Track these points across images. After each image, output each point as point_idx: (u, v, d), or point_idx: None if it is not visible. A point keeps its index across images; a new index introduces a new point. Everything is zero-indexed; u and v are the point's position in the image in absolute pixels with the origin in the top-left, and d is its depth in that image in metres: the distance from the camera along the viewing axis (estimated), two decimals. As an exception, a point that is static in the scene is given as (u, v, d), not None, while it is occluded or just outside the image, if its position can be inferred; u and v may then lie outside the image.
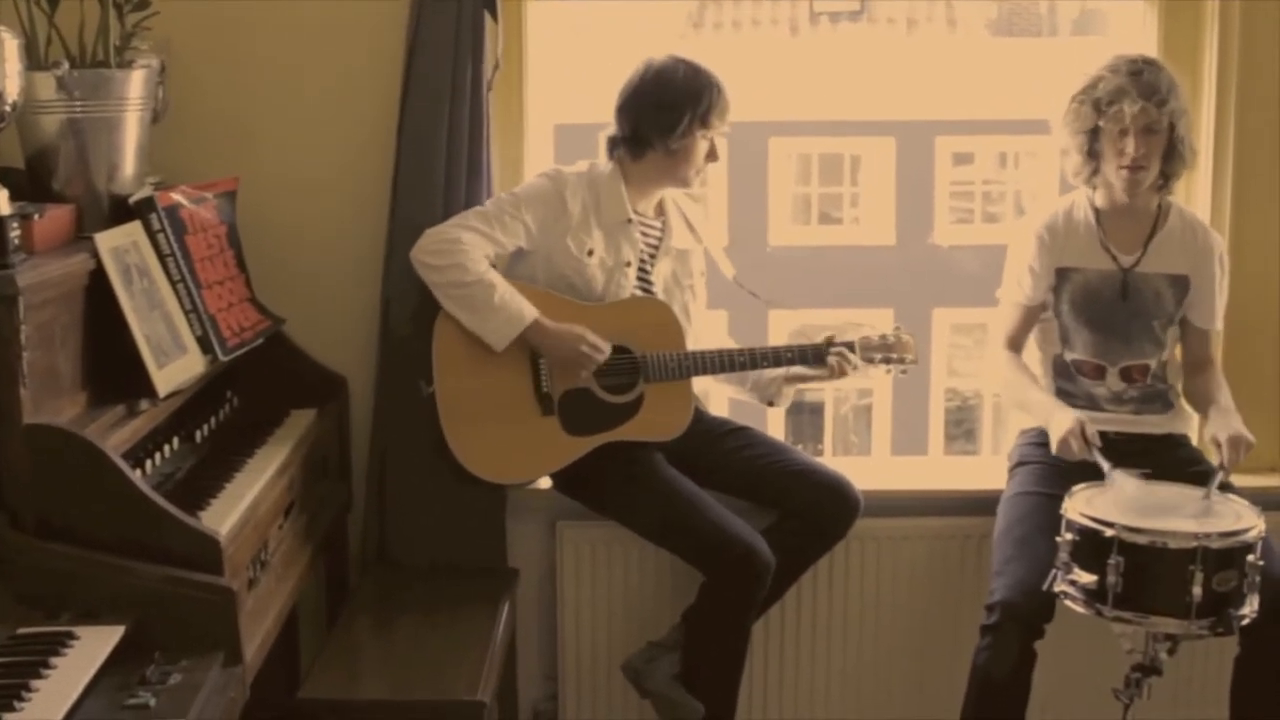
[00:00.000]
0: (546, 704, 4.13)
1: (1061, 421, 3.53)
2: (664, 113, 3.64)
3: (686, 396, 3.74)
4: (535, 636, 4.10)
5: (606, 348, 3.63)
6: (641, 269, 3.77)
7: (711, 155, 3.70)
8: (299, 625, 3.87)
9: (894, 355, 3.82)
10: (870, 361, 3.80)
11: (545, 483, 3.89)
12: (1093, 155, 3.64)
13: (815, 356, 3.76)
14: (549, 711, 4.12)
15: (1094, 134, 3.61)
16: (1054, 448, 3.53)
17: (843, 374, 3.76)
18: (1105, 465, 3.43)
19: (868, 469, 4.38)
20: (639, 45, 3.78)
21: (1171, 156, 3.63)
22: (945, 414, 14.15)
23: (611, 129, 3.74)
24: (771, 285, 4.03)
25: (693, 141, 3.65)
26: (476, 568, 3.90)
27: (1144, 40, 4.00)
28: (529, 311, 3.56)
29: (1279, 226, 4.01)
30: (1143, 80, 3.55)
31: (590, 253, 3.69)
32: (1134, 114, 3.53)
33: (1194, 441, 3.89)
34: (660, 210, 3.84)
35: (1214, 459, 3.58)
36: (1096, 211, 3.74)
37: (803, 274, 12.78)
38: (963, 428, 14.40)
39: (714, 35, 12.95)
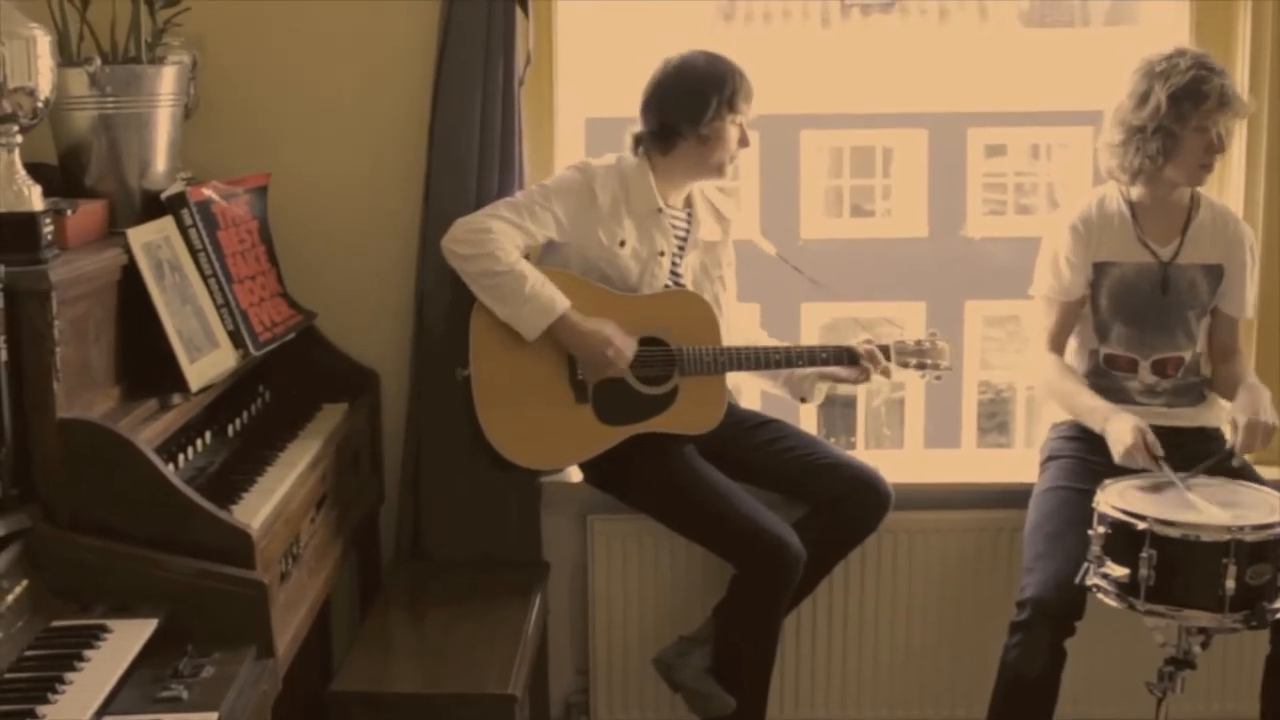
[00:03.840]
0: (578, 697, 4.13)
1: (1121, 432, 3.48)
2: (691, 99, 3.65)
3: (720, 391, 3.73)
4: (567, 630, 4.11)
5: (630, 353, 3.63)
6: (673, 260, 3.77)
7: (743, 141, 3.69)
8: (331, 618, 3.89)
9: (928, 361, 3.80)
10: (905, 366, 3.79)
11: (577, 476, 3.90)
12: (1165, 151, 3.59)
13: (850, 358, 3.75)
14: (581, 705, 4.12)
15: (1176, 133, 3.57)
16: (1117, 458, 3.50)
17: (884, 375, 3.77)
18: (1177, 480, 3.39)
19: (900, 462, 4.38)
20: (670, 39, 3.78)
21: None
22: (978, 406, 14.10)
23: (637, 126, 3.74)
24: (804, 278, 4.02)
25: (723, 126, 3.65)
26: (510, 561, 3.90)
27: (1177, 31, 3.98)
28: (560, 303, 3.56)
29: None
30: (1232, 86, 3.57)
31: (622, 243, 3.69)
32: (1231, 124, 3.58)
33: (1227, 435, 3.87)
34: (688, 203, 3.84)
35: (1228, 439, 3.55)
36: (1131, 205, 3.72)
37: (835, 266, 12.74)
38: (996, 420, 14.35)
39: (745, 28, 12.93)
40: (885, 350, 3.77)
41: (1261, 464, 3.78)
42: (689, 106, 3.65)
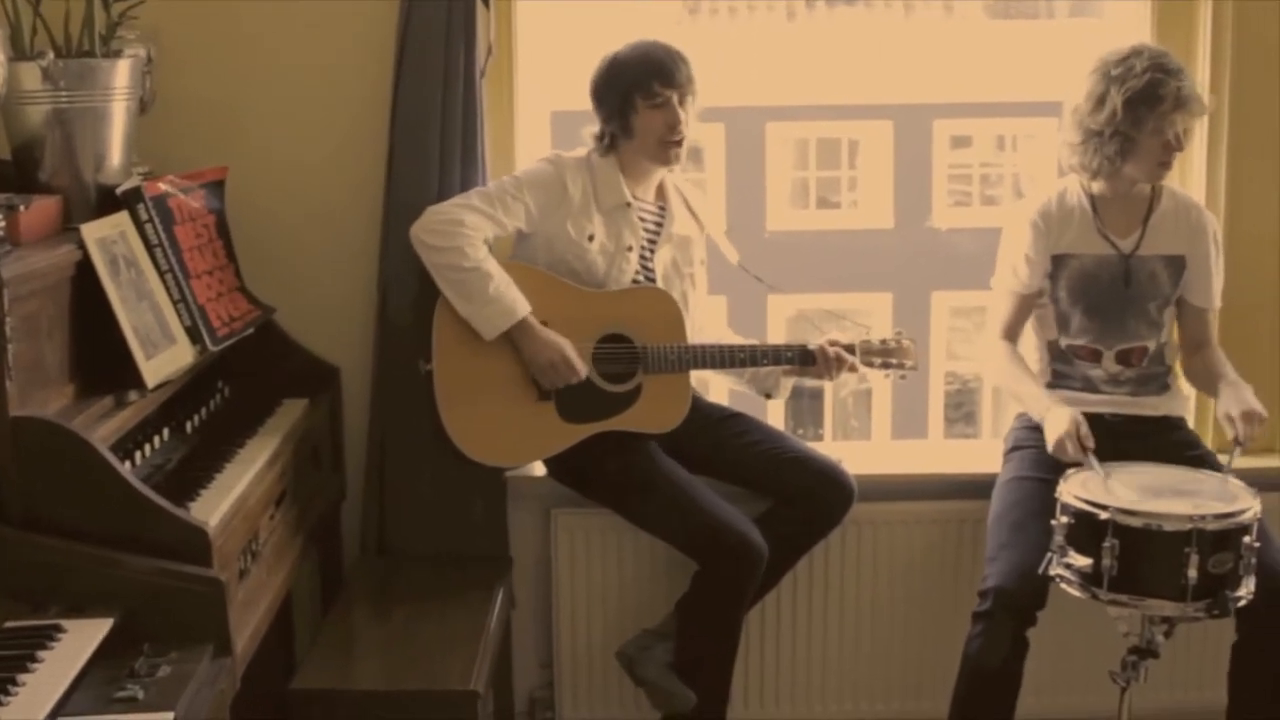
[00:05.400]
0: (543, 692, 4.12)
1: (1057, 421, 3.50)
2: (607, 95, 3.68)
3: (684, 389, 3.72)
4: (531, 624, 4.10)
5: (583, 371, 3.61)
6: (642, 255, 3.76)
7: (671, 126, 3.64)
8: (294, 616, 3.87)
9: (893, 360, 3.80)
10: (870, 365, 3.78)
11: (540, 470, 3.89)
12: (1123, 153, 3.60)
13: (814, 358, 3.74)
14: (545, 699, 4.11)
15: (1133, 136, 3.57)
16: (1050, 447, 3.51)
17: (851, 370, 3.76)
18: (1100, 471, 3.40)
19: (867, 453, 4.38)
20: (635, 32, 3.77)
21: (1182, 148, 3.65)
22: (945, 397, 14.12)
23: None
24: (770, 270, 4.00)
25: (638, 115, 3.64)
26: (476, 557, 3.89)
27: (1139, 22, 4.00)
28: (521, 308, 3.55)
29: (1275, 208, 4.00)
30: (1189, 87, 3.55)
31: (591, 238, 3.68)
32: (1189, 124, 3.57)
33: (1190, 424, 3.89)
34: (661, 195, 3.83)
35: (1228, 434, 3.54)
36: (1092, 198, 3.72)
37: (801, 258, 12.73)
38: (962, 411, 14.38)
39: (710, 20, 12.91)
40: (850, 350, 3.77)
41: (1229, 452, 3.78)
42: (608, 103, 3.68)
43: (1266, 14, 3.92)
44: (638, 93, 3.62)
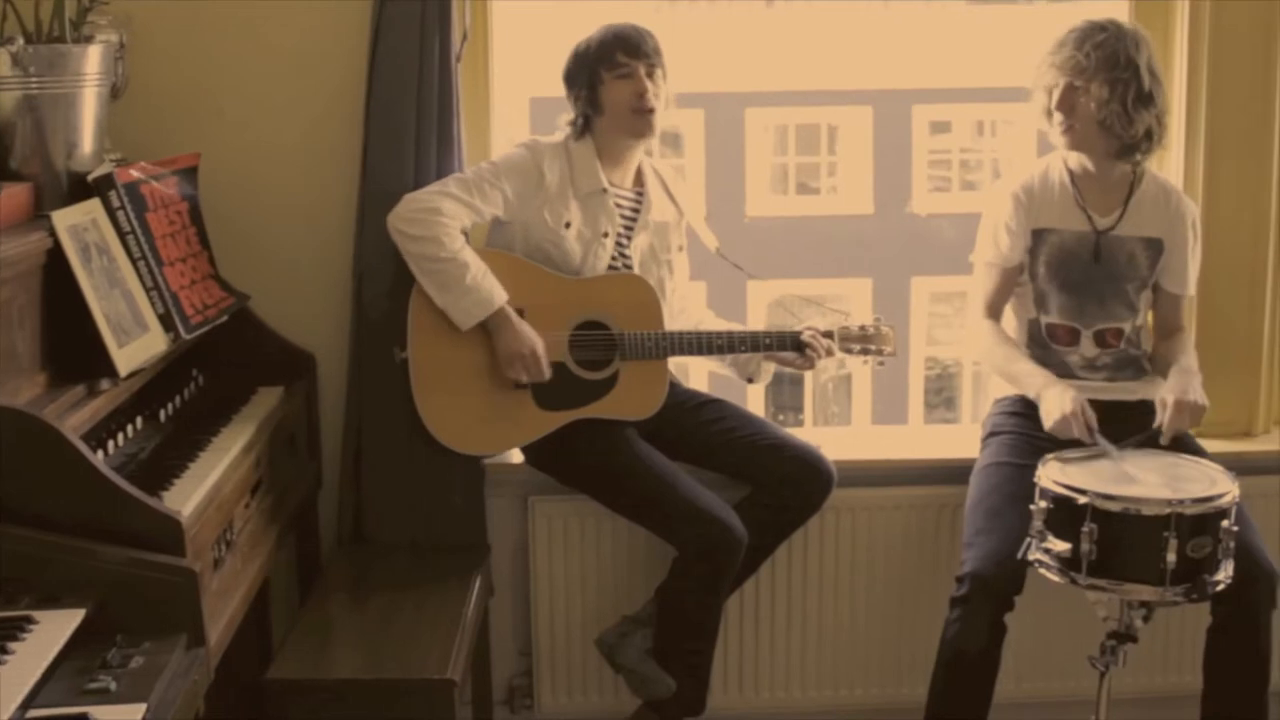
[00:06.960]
0: (521, 680, 4.11)
1: (1060, 400, 3.49)
2: (576, 75, 3.69)
3: (662, 376, 3.71)
4: (509, 612, 4.08)
5: (548, 373, 3.60)
6: (619, 241, 3.74)
7: (638, 94, 3.63)
8: (270, 605, 3.85)
9: (872, 347, 3.79)
10: (849, 352, 3.78)
11: (518, 457, 3.87)
12: (1045, 111, 3.65)
13: (794, 343, 3.73)
14: (524, 687, 4.10)
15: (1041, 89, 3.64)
16: (1048, 425, 3.50)
17: (829, 354, 3.75)
18: (1111, 450, 3.40)
19: (848, 439, 4.37)
20: (613, 15, 3.76)
21: (1109, 126, 3.58)
22: (925, 382, 14.16)
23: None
24: (750, 256, 4.00)
25: (605, 88, 3.64)
26: (454, 545, 3.87)
27: (1116, 8, 3.98)
28: (498, 297, 3.53)
29: (1251, 196, 4.00)
30: (1070, 42, 3.56)
31: (568, 225, 3.66)
32: (1053, 75, 3.58)
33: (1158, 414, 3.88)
34: (639, 181, 3.82)
35: (1157, 418, 3.53)
36: (1073, 174, 3.72)
37: (781, 244, 12.75)
38: (943, 396, 14.42)
39: (689, 7, 12.90)
40: (829, 335, 3.76)
41: (1208, 437, 3.79)
42: (574, 81, 3.69)
43: (1243, 10, 3.91)
44: (602, 66, 3.63)
